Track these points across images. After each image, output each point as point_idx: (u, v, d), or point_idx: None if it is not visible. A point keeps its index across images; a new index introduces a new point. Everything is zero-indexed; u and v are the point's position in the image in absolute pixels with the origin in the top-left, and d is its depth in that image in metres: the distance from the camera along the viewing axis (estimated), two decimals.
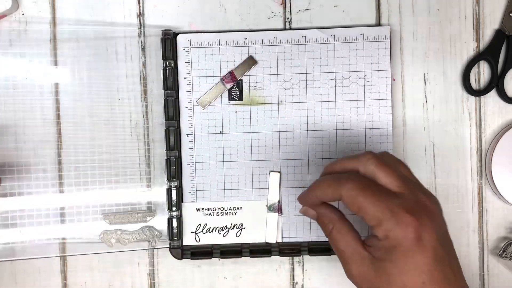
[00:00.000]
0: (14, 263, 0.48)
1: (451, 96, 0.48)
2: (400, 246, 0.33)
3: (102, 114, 0.48)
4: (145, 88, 0.48)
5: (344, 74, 0.47)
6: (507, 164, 0.47)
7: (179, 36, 0.47)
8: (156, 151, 0.48)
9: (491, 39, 0.48)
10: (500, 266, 0.48)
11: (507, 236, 0.48)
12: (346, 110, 0.47)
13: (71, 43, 0.48)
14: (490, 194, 0.48)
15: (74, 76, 0.48)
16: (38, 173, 0.48)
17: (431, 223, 0.34)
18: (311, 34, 0.47)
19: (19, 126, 0.48)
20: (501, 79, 0.47)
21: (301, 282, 0.49)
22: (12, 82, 0.48)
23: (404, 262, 0.33)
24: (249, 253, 0.48)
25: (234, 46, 0.47)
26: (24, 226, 0.48)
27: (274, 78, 0.47)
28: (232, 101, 0.48)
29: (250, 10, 0.48)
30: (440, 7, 0.48)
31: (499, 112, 0.48)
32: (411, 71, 0.48)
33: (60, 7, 0.48)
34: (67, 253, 0.48)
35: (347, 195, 0.35)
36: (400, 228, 0.33)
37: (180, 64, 0.47)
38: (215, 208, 0.48)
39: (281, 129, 0.48)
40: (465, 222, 0.48)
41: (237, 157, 0.48)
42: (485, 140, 0.48)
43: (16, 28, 0.48)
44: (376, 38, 0.47)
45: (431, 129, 0.48)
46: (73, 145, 0.48)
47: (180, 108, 0.47)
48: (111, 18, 0.48)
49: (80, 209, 0.48)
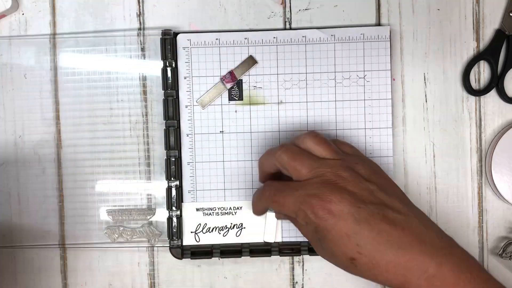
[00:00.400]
0: (14, 263, 0.48)
1: (451, 96, 0.48)
2: (319, 226, 0.36)
3: (102, 114, 0.48)
4: (145, 88, 0.48)
5: (344, 74, 0.47)
6: (507, 164, 0.47)
7: (179, 36, 0.47)
8: (156, 151, 0.48)
9: (491, 39, 0.48)
10: (500, 266, 0.48)
11: (507, 236, 0.48)
12: (346, 110, 0.47)
13: (70, 43, 0.48)
14: (490, 194, 0.48)
15: (74, 76, 0.48)
16: (38, 173, 0.48)
17: (339, 194, 0.36)
18: (311, 34, 0.47)
19: (19, 126, 0.48)
20: (501, 79, 0.47)
21: (301, 282, 0.49)
22: (12, 82, 0.48)
23: (331, 236, 0.36)
24: (249, 253, 0.48)
25: (234, 46, 0.47)
26: (23, 225, 0.48)
27: (274, 78, 0.47)
28: (232, 101, 0.48)
29: (250, 10, 0.48)
30: (440, 7, 0.48)
31: (499, 112, 0.48)
32: (411, 71, 0.48)
33: (60, 7, 0.48)
34: (67, 250, 0.49)
35: (277, 157, 0.40)
36: (311, 213, 0.37)
37: (180, 64, 0.47)
38: (215, 208, 0.48)
39: (281, 129, 0.48)
40: (465, 222, 0.48)
41: (237, 157, 0.48)
42: (485, 140, 0.48)
43: (16, 28, 0.48)
44: (376, 38, 0.47)
45: (431, 129, 0.48)
46: (73, 145, 0.48)
47: (180, 108, 0.47)
48: (111, 17, 0.48)
49: (81, 209, 0.48)
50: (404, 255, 0.35)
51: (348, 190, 0.37)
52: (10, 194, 0.48)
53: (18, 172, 0.48)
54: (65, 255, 0.49)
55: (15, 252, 0.49)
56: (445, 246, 0.36)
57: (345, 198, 0.36)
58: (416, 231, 0.36)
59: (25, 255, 0.49)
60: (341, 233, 0.36)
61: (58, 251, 0.49)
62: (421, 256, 0.35)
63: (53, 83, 0.48)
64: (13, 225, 0.48)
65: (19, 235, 0.48)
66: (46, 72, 0.48)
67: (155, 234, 0.48)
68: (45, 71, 0.48)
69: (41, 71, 0.48)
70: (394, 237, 0.36)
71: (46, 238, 0.48)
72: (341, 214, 0.36)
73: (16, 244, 0.48)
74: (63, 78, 0.48)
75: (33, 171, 0.48)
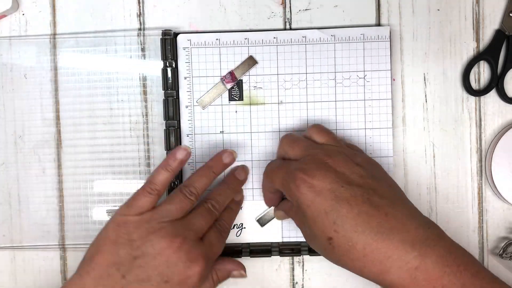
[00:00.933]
0: (14, 263, 0.48)
1: (451, 96, 0.48)
2: (299, 200, 0.37)
3: (102, 114, 0.48)
4: (145, 88, 0.48)
5: (344, 74, 0.47)
6: (507, 164, 0.47)
7: (179, 36, 0.47)
8: (156, 151, 0.48)
9: (491, 39, 0.48)
10: (500, 266, 0.48)
11: (507, 236, 0.48)
12: (346, 110, 0.47)
13: (71, 43, 0.48)
14: (490, 194, 0.48)
15: (74, 76, 0.48)
16: (38, 173, 0.48)
17: (324, 171, 0.37)
18: (311, 34, 0.47)
19: (19, 126, 0.48)
20: (501, 79, 0.47)
21: (301, 282, 0.49)
22: (12, 82, 0.48)
23: (310, 213, 0.37)
24: (249, 253, 0.48)
25: (234, 46, 0.47)
26: (23, 225, 0.48)
27: (274, 78, 0.47)
28: (232, 101, 0.48)
29: (250, 10, 0.48)
30: (440, 7, 0.48)
31: (499, 112, 0.48)
32: (411, 71, 0.48)
33: (60, 7, 0.48)
34: (67, 251, 0.49)
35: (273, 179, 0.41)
36: (294, 186, 0.37)
37: (180, 64, 0.47)
38: None
39: (281, 129, 0.48)
40: (465, 222, 0.48)
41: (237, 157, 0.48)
42: (485, 140, 0.48)
43: (16, 28, 0.48)
44: (376, 38, 0.47)
45: (431, 129, 0.48)
46: (73, 145, 0.48)
47: (180, 108, 0.47)
48: (111, 18, 0.48)
49: (80, 209, 0.48)
50: (383, 240, 0.34)
51: (335, 170, 0.37)
52: (10, 194, 0.48)
53: (18, 172, 0.48)
54: (65, 255, 0.49)
55: (15, 252, 0.49)
56: (431, 237, 0.35)
57: (329, 176, 0.37)
58: (400, 218, 0.35)
59: (25, 255, 0.49)
60: (320, 209, 0.36)
61: (58, 251, 0.49)
62: (402, 244, 0.34)
63: (53, 83, 0.48)
64: (13, 225, 0.48)
65: (19, 235, 0.48)
66: (46, 72, 0.48)
67: None
68: (45, 71, 0.48)
69: (41, 71, 0.48)
70: (374, 220, 0.35)
71: (46, 238, 0.48)
72: (321, 190, 0.36)
73: (16, 244, 0.48)
74: (63, 78, 0.48)
75: (33, 171, 0.48)
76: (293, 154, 0.41)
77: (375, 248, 0.34)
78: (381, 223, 0.35)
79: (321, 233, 0.36)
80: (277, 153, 0.45)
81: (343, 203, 0.36)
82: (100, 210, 0.48)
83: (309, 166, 0.37)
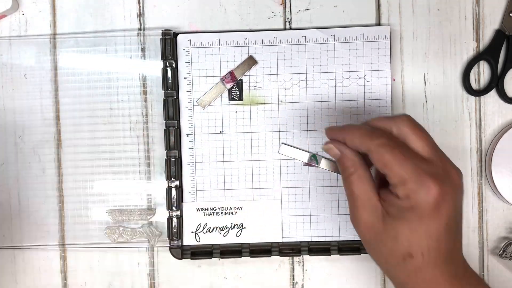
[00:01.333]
0: (14, 263, 0.48)
1: (451, 96, 0.48)
2: (418, 208, 0.34)
3: (102, 114, 0.48)
4: (145, 88, 0.48)
5: (344, 74, 0.47)
6: (507, 164, 0.47)
7: (179, 36, 0.47)
8: (156, 151, 0.48)
9: (491, 39, 0.48)
10: (500, 266, 0.48)
11: (507, 236, 0.48)
12: (346, 110, 0.47)
13: (71, 43, 0.48)
14: (490, 194, 0.48)
15: (74, 76, 0.48)
16: (38, 173, 0.48)
17: (453, 193, 0.34)
18: (311, 34, 0.47)
19: (19, 126, 0.48)
20: (501, 79, 0.47)
21: (301, 282, 0.49)
22: (12, 82, 0.48)
23: (417, 224, 0.34)
24: (249, 253, 0.48)
25: (234, 46, 0.47)
26: (23, 225, 0.48)
27: (274, 78, 0.47)
28: (232, 101, 0.48)
29: (250, 10, 0.48)
30: (440, 7, 0.48)
31: (499, 112, 0.48)
32: (411, 71, 0.48)
33: (60, 7, 0.48)
34: (67, 251, 0.49)
35: (375, 150, 0.35)
36: (423, 191, 0.33)
37: (180, 64, 0.47)
38: (216, 208, 0.48)
39: (281, 129, 0.48)
40: (465, 222, 0.48)
41: (237, 157, 0.48)
42: (485, 140, 0.48)
43: (16, 28, 0.48)
44: (376, 38, 0.47)
45: (431, 129, 0.48)
46: (73, 145, 0.48)
47: (180, 108, 0.47)
48: (111, 18, 0.48)
49: (80, 209, 0.48)
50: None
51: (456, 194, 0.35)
52: (10, 194, 0.48)
53: (18, 172, 0.48)
54: (65, 255, 0.49)
55: (15, 252, 0.49)
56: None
57: (453, 200, 0.34)
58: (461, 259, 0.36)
59: (25, 255, 0.49)
60: (427, 230, 0.34)
61: (58, 251, 0.49)
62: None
63: (53, 83, 0.48)
64: (13, 225, 0.48)
65: (19, 235, 0.48)
66: (46, 72, 0.48)
67: (155, 234, 0.48)
68: (45, 71, 0.48)
69: (41, 71, 0.48)
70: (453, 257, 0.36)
71: (46, 238, 0.48)
72: (443, 213, 0.34)
73: (16, 244, 0.48)
74: (63, 78, 0.48)
75: (33, 171, 0.48)
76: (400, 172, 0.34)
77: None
78: (452, 252, 0.36)
79: (408, 243, 0.35)
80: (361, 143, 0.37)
81: (447, 235, 0.35)
82: (100, 210, 0.48)
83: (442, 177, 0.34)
